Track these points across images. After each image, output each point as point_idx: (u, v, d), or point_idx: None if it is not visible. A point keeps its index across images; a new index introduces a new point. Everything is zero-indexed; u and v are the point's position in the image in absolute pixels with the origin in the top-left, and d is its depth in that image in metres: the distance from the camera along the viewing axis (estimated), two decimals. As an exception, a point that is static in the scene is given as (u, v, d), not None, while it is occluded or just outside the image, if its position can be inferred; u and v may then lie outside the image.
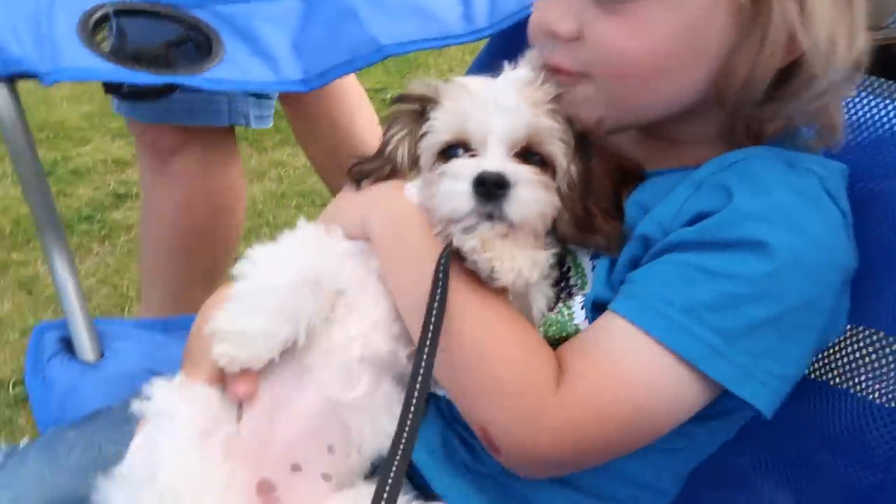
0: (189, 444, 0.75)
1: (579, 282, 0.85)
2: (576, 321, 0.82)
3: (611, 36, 0.78)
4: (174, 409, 0.78)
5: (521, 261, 0.76)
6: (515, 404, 0.73)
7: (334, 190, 2.00)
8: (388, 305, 0.83)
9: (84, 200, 2.82)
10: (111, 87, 1.28)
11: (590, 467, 0.80)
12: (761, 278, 0.71)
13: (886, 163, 0.89)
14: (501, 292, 0.78)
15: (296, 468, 0.80)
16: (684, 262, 0.74)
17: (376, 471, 0.84)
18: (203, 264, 1.66)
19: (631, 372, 0.73)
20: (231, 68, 1.17)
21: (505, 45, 1.24)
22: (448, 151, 0.84)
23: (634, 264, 0.79)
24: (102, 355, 1.25)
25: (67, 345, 1.27)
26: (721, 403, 0.75)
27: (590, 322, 0.80)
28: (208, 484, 0.73)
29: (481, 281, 0.77)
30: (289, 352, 0.81)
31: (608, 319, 0.76)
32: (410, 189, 0.87)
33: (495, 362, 0.75)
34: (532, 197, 0.79)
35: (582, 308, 0.83)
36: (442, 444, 0.86)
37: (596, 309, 0.80)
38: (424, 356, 0.68)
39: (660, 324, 0.72)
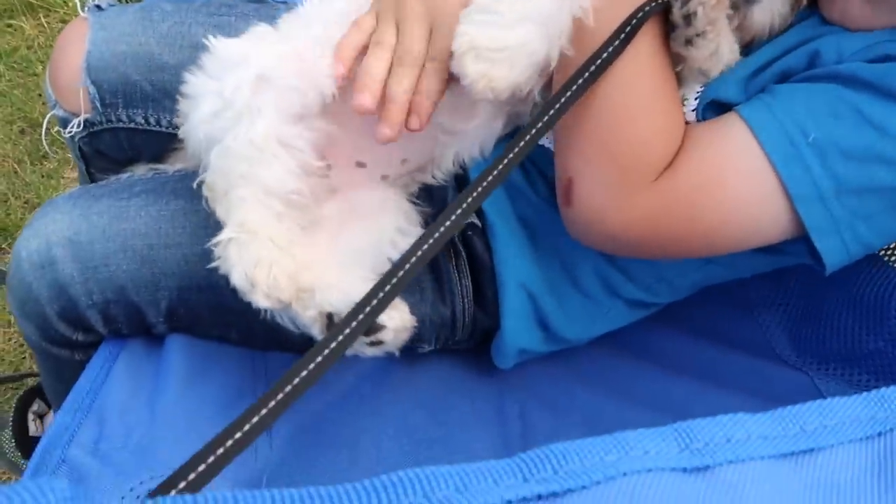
0: (294, 117, 0.72)
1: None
2: (686, 108, 0.77)
3: None
4: (297, 80, 0.72)
5: (725, 46, 0.69)
6: (615, 174, 0.70)
7: None
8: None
9: None
10: None
11: (641, 258, 0.79)
12: None
13: None
14: (671, 65, 0.71)
15: (360, 165, 0.79)
16: (842, 98, 0.67)
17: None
18: None
19: (733, 185, 0.69)
20: None
21: None
22: None
23: (786, 77, 0.72)
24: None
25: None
26: (789, 244, 0.73)
27: (698, 116, 0.76)
28: (294, 160, 0.71)
29: (662, 45, 0.70)
30: None
31: (730, 121, 0.70)
32: None
33: (623, 131, 0.70)
34: (779, 11, 0.71)
35: (696, 99, 0.77)
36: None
37: (715, 107, 0.75)
38: (560, 102, 0.63)
39: (783, 148, 0.67)
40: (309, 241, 0.73)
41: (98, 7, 1.03)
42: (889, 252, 0.88)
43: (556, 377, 0.90)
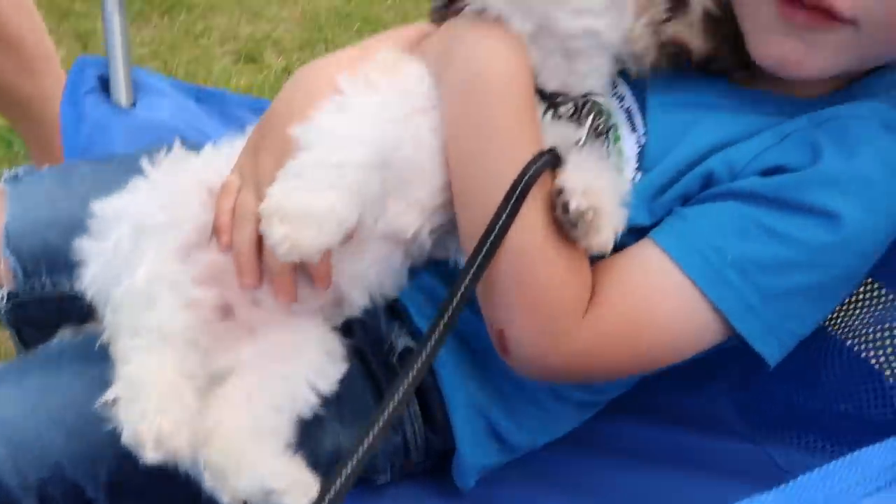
0: (172, 255, 0.74)
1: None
2: None
3: None
4: (169, 216, 0.76)
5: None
6: (542, 321, 0.71)
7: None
8: (437, 183, 0.74)
9: (153, -29, 2.78)
10: None
11: (591, 383, 0.82)
12: (820, 249, 0.70)
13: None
14: None
15: (256, 303, 0.78)
16: (747, 215, 0.71)
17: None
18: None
19: (663, 311, 0.72)
20: None
21: None
22: None
23: (686, 199, 0.76)
24: (135, 104, 1.28)
25: (105, 85, 1.29)
26: (724, 343, 0.75)
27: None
28: (178, 296, 0.72)
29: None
30: None
31: (648, 250, 0.73)
32: (513, 31, 0.72)
33: (536, 277, 0.70)
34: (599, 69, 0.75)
35: None
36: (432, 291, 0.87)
37: (627, 231, 0.75)
38: (465, 283, 0.63)
39: (705, 271, 0.70)
40: (221, 394, 0.72)
41: (15, 177, 1.04)
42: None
43: (517, 485, 0.88)
